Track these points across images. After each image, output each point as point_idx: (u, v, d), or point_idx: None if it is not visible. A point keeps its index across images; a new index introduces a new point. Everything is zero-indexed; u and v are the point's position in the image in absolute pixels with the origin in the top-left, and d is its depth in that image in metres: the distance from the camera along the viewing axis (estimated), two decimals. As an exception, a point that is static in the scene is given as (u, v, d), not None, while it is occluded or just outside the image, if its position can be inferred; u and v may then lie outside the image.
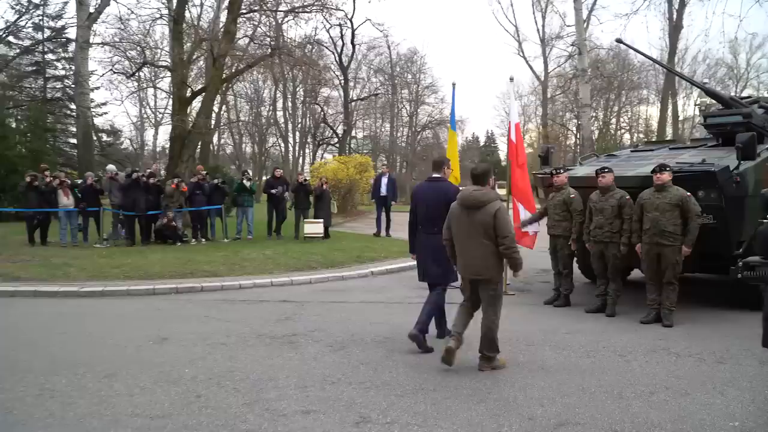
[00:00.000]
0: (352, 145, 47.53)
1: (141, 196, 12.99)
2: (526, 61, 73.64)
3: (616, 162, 8.78)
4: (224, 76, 18.43)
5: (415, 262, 6.09)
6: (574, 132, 68.27)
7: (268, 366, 5.07)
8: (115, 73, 18.94)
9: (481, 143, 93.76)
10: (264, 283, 9.09)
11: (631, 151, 9.55)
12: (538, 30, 52.02)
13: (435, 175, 5.72)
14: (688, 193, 6.56)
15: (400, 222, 21.97)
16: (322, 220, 14.35)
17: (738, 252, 7.01)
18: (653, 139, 25.52)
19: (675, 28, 37.49)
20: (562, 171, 7.71)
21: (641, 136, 53.61)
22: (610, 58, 48.40)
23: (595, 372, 4.97)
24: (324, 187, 15.16)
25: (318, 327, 6.47)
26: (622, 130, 56.15)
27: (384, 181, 15.62)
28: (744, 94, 12.21)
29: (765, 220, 4.52)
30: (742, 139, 6.76)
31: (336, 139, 40.42)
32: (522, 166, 8.72)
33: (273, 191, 14.51)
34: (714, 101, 10.35)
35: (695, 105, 31.20)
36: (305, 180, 15.19)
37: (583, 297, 7.92)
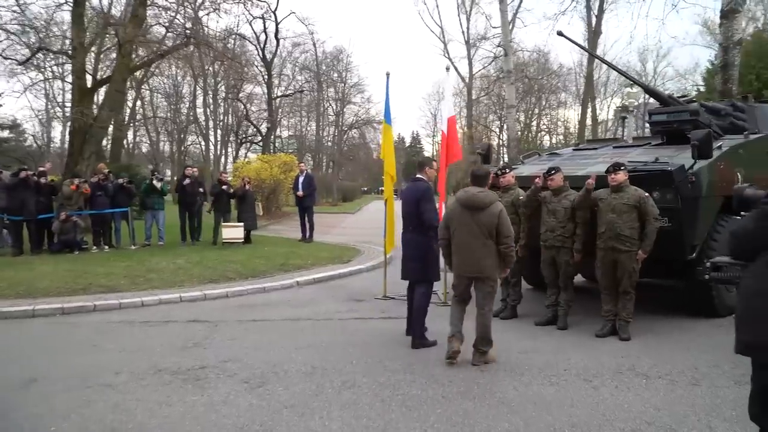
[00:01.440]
0: (276, 144, 46.06)
1: (30, 197, 11.35)
2: (452, 63, 73.63)
3: (560, 161, 8.23)
4: (133, 65, 16.79)
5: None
6: (498, 133, 69.68)
7: (164, 417, 3.99)
8: (5, 58, 16.85)
9: (407, 144, 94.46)
10: (172, 298, 7.88)
11: (574, 150, 9.04)
12: (463, 32, 52.41)
13: (416, 176, 5.94)
14: (646, 194, 6.00)
15: (325, 225, 21.42)
16: (242, 224, 13.16)
17: (692, 257, 6.57)
18: (573, 141, 25.85)
19: (594, 34, 38.55)
20: (508, 171, 7.00)
21: (561, 138, 55.22)
22: (531, 62, 49.39)
23: (563, 405, 4.21)
24: (247, 187, 14.05)
25: (232, 356, 5.41)
26: (543, 133, 57.59)
27: (300, 179, 14.54)
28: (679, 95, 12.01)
29: (738, 217, 4.05)
30: (697, 136, 6.27)
31: (259, 138, 38.81)
32: (452, 162, 8.01)
33: (184, 183, 13.11)
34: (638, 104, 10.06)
35: (618, 108, 32.09)
36: (226, 180, 13.80)
37: (530, 306, 7.26)
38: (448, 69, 8.45)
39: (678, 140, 7.70)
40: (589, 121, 41.88)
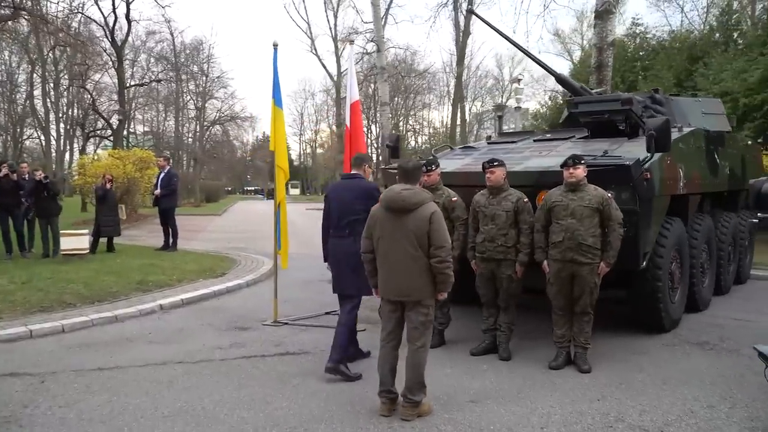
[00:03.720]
0: (130, 141, 41.85)
1: None
2: (319, 59, 72.78)
3: (479, 155, 7.12)
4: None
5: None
6: (366, 133, 69.51)
7: None
8: None
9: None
10: (-22, 339, 5.68)
11: (489, 143, 8.01)
12: (330, 28, 51.36)
13: (353, 172, 5.15)
14: (609, 194, 4.98)
15: (190, 229, 18.87)
16: (85, 232, 10.73)
17: (643, 266, 5.69)
18: (439, 143, 25.58)
19: (464, 35, 39.07)
20: (434, 167, 5.69)
21: (426, 138, 55.96)
22: (398, 62, 49.49)
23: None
24: (108, 186, 11.73)
25: (63, 441, 3.57)
26: (410, 132, 58.15)
27: (161, 176, 12.32)
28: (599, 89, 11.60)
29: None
30: (655, 124, 5.38)
31: (110, 132, 34.68)
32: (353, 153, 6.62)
33: None
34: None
35: (494, 106, 32.66)
36: (45, 178, 10.89)
37: (459, 330, 6.03)
38: (352, 42, 7.08)
39: (604, 132, 6.89)
40: (458, 121, 42.56)
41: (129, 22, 29.90)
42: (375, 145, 66.43)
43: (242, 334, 6.17)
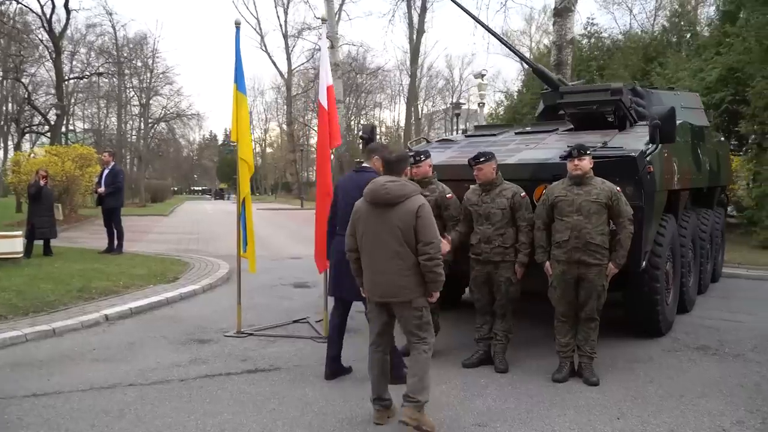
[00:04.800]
0: (70, 138, 39.76)
1: None
2: (269, 57, 71.83)
3: (460, 148, 6.63)
4: None
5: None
6: (317, 131, 68.59)
7: None
8: None
9: (220, 141, 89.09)
10: None
11: (467, 136, 7.53)
12: (281, 24, 50.29)
13: (364, 165, 4.51)
14: (617, 188, 4.53)
15: (136, 230, 17.61)
16: (18, 233, 9.70)
17: (644, 266, 5.30)
18: (397, 140, 25.14)
19: (418, 32, 38.77)
20: (424, 158, 5.12)
21: (378, 138, 55.57)
22: (351, 59, 49.02)
23: None
24: (43, 182, 10.69)
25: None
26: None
27: (105, 173, 11.26)
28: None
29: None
30: (660, 112, 5.00)
31: (47, 128, 32.69)
32: (334, 147, 6.03)
33: None
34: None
35: (452, 104, 32.46)
36: None
37: (446, 339, 5.47)
38: (324, 20, 6.46)
39: (592, 124, 6.51)
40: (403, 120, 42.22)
41: (68, 11, 28.21)
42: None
43: (202, 347, 5.45)
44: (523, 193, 4.79)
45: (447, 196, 4.95)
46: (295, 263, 10.98)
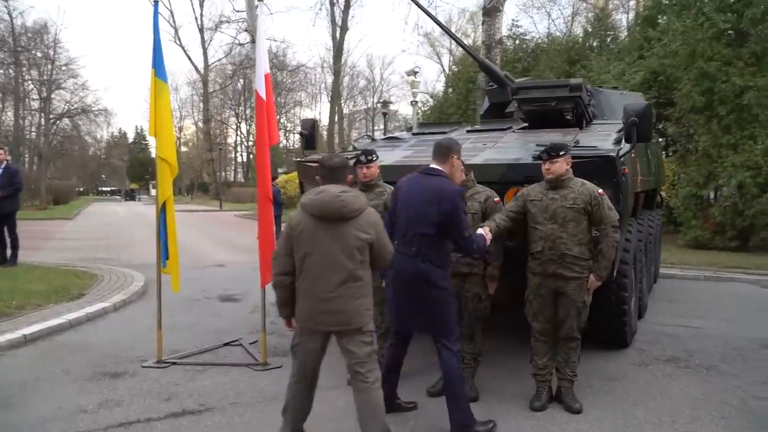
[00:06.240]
0: (-44, 134, 36.26)
1: None
2: (184, 51, 69.14)
3: (411, 147, 6.07)
4: None
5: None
6: (235, 130, 66.49)
7: None
8: None
9: (130, 140, 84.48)
10: None
11: (414, 134, 6.96)
12: (196, 18, 48.17)
13: (433, 166, 3.68)
14: (600, 190, 4.06)
15: (34, 237, 15.64)
16: None
17: (614, 277, 4.90)
18: (319, 140, 24.37)
19: (341, 29, 38.05)
20: (375, 158, 4.47)
21: (298, 136, 54.44)
22: (272, 55, 47.71)
23: None
24: None
25: None
26: (282, 131, 56.51)
27: None
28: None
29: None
30: (636, 109, 4.59)
31: (-71, 123, 29.49)
32: (273, 144, 5.25)
33: None
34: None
35: (380, 102, 31.85)
36: None
37: (406, 363, 4.84)
38: (260, 2, 5.68)
39: (548, 122, 6.12)
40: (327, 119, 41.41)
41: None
42: (245, 144, 63.72)
43: (115, 384, 4.54)
44: (497, 198, 4.26)
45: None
46: (219, 272, 10.03)
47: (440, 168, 3.66)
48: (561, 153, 4.01)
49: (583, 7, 31.80)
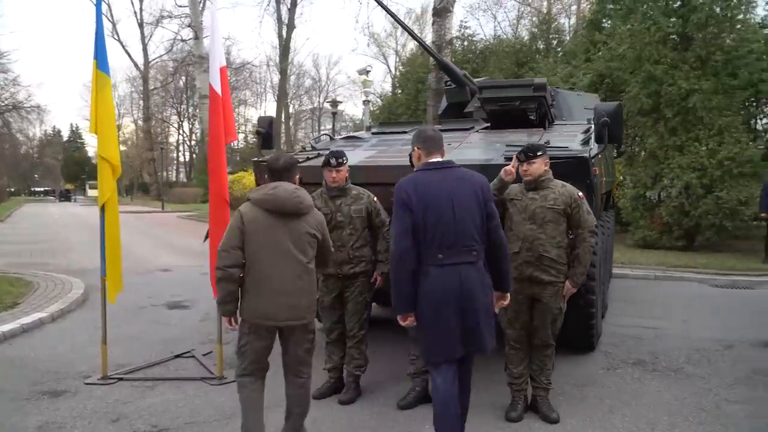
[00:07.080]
0: None
1: None
2: (123, 46, 66.92)
3: (372, 146, 5.85)
4: None
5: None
6: (177, 129, 64.63)
7: None
8: None
9: (65, 138, 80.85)
10: None
11: (373, 133, 6.73)
12: (135, 12, 46.56)
13: (441, 159, 3.18)
14: (580, 193, 3.94)
15: None
16: None
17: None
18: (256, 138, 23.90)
19: (288, 28, 37.43)
20: (344, 160, 4.22)
21: (244, 136, 53.32)
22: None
23: None
24: None
25: None
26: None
27: None
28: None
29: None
30: (608, 109, 4.53)
31: None
32: (229, 141, 4.90)
33: None
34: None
35: (329, 101, 31.34)
36: None
37: (372, 374, 4.59)
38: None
39: (511, 122, 6.02)
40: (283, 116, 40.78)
41: None
42: (188, 143, 62.04)
43: (56, 404, 4.13)
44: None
45: (375, 200, 4.25)
46: (165, 277, 9.54)
47: (443, 159, 3.18)
48: (539, 153, 3.88)
49: (528, 11, 32.35)
